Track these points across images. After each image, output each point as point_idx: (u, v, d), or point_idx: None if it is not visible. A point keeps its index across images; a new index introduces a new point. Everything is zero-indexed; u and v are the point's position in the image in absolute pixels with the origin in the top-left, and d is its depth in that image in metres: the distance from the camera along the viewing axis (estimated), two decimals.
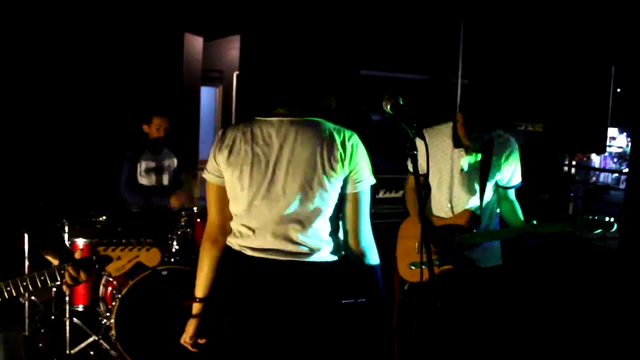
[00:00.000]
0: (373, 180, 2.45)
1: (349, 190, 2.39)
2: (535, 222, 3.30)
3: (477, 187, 3.49)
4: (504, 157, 3.49)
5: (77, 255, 2.38)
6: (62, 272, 2.35)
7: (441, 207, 3.58)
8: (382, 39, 8.20)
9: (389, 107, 2.37)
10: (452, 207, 3.54)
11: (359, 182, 2.39)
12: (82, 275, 2.35)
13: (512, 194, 3.59)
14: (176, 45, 8.79)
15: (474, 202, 3.51)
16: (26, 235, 3.77)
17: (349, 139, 2.37)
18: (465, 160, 3.50)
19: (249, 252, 2.39)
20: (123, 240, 2.45)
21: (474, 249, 3.48)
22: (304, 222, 2.35)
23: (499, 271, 3.61)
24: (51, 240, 2.54)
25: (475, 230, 3.45)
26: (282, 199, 2.34)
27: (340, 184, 2.37)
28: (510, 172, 3.52)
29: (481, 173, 3.48)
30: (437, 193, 3.60)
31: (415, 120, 2.26)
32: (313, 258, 2.37)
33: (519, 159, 3.55)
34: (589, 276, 7.04)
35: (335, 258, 2.43)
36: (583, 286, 6.59)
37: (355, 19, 7.89)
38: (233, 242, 2.46)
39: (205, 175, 2.50)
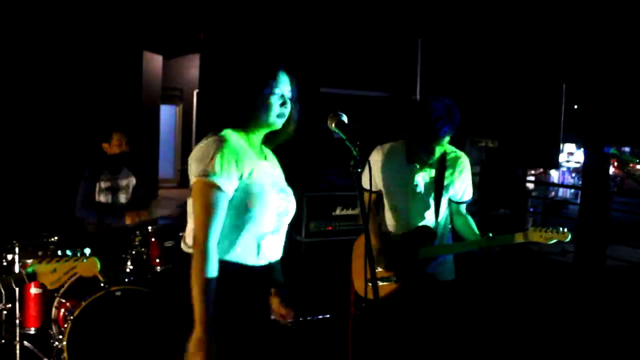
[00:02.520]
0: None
1: None
2: (490, 234, 3.33)
3: (432, 202, 3.52)
4: (458, 171, 3.53)
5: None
6: None
7: (397, 222, 3.61)
8: (342, 57, 8.27)
9: (333, 125, 2.39)
10: (407, 223, 3.57)
11: None
12: None
13: (463, 208, 3.63)
14: (135, 63, 8.74)
15: (429, 217, 3.54)
16: None
17: None
18: (419, 176, 3.53)
19: None
20: (59, 252, 2.41)
21: (430, 263, 3.51)
22: None
23: (454, 285, 3.64)
24: None
25: (431, 245, 3.48)
26: None
27: None
28: (463, 187, 3.56)
29: (435, 188, 3.51)
30: (392, 209, 3.62)
31: (359, 139, 2.27)
32: None
33: (470, 174, 3.59)
34: (545, 289, 7.13)
35: None
36: (539, 299, 6.67)
37: (315, 36, 7.94)
38: None
39: None
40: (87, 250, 2.41)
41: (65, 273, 2.39)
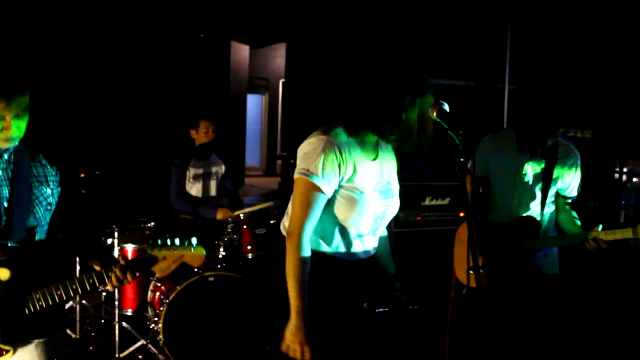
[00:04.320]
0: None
1: None
2: (601, 226, 3.22)
3: (539, 193, 3.46)
4: (568, 165, 3.45)
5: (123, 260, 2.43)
6: (110, 274, 2.40)
7: (502, 211, 3.55)
8: (429, 46, 8.17)
9: (435, 114, 2.36)
10: (512, 212, 3.51)
11: None
12: (129, 277, 2.40)
13: (569, 204, 3.54)
14: (223, 53, 8.90)
15: (535, 208, 3.48)
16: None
17: None
18: (529, 166, 3.47)
19: None
20: (168, 241, 2.48)
21: (534, 254, 3.44)
22: None
23: (558, 280, 3.56)
24: (92, 246, 2.59)
25: (535, 236, 3.41)
26: None
27: None
28: (572, 181, 3.48)
29: (544, 179, 3.44)
30: (498, 197, 3.57)
31: (461, 127, 2.23)
32: None
33: (580, 170, 3.50)
34: None
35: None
36: None
37: (402, 25, 7.88)
38: None
39: None
40: (194, 240, 2.47)
41: (175, 261, 2.46)
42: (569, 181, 3.46)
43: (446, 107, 2.35)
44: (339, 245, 2.52)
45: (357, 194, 2.46)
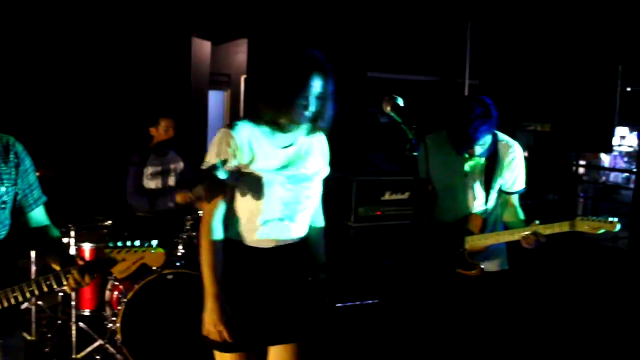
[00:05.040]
0: None
1: None
2: (538, 222, 3.27)
3: (482, 191, 3.48)
4: (507, 162, 3.46)
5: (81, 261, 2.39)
6: (68, 276, 2.35)
7: (447, 211, 3.57)
8: (390, 41, 8.19)
9: (389, 108, 2.36)
10: (456, 212, 3.52)
11: None
12: (87, 279, 2.36)
13: (515, 199, 3.56)
14: (184, 49, 8.79)
15: (479, 206, 3.50)
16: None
17: None
18: (469, 165, 3.48)
19: None
20: (128, 243, 2.45)
21: (481, 253, 3.46)
22: None
23: (506, 276, 3.58)
24: (53, 245, 2.54)
25: (480, 234, 3.43)
26: None
27: None
28: (513, 177, 3.49)
29: (486, 178, 3.46)
30: (442, 198, 3.58)
31: (415, 122, 2.24)
32: None
33: (523, 164, 3.52)
34: (598, 277, 6.99)
35: None
36: (592, 287, 6.55)
37: (363, 21, 7.88)
38: None
39: None
40: (155, 242, 2.45)
41: (134, 263, 2.44)
42: (510, 177, 3.48)
43: (400, 101, 2.36)
44: (246, 231, 2.63)
45: (258, 180, 2.57)
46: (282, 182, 2.60)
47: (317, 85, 2.52)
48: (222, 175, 2.53)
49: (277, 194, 2.59)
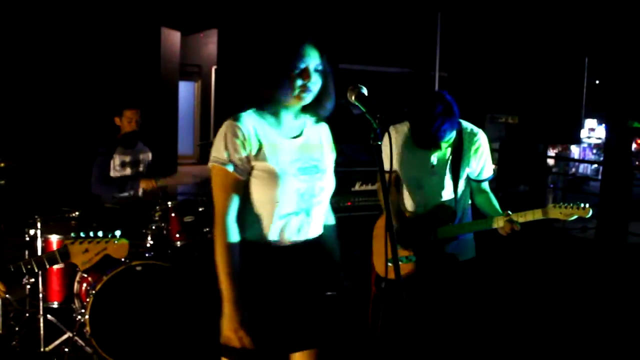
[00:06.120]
0: None
1: None
2: (510, 212, 3.30)
3: (449, 180, 3.49)
4: (473, 150, 3.47)
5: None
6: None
7: (414, 202, 3.58)
8: (361, 33, 8.19)
9: (353, 97, 2.36)
10: (425, 203, 3.54)
11: None
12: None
13: (486, 185, 3.58)
14: (153, 39, 8.73)
15: (447, 196, 3.51)
16: None
17: None
18: (435, 155, 3.49)
19: None
20: (91, 234, 2.43)
21: (450, 243, 3.49)
22: None
23: (475, 264, 3.62)
24: None
25: (451, 224, 3.46)
26: None
27: None
28: (480, 165, 3.50)
29: (452, 167, 3.47)
30: (409, 189, 3.59)
31: (379, 111, 2.24)
32: None
33: (488, 151, 3.54)
34: (566, 266, 7.10)
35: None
36: (561, 276, 6.65)
37: (334, 12, 7.88)
38: None
39: None
40: (118, 232, 2.43)
41: (97, 254, 2.42)
42: (476, 164, 3.49)
43: (364, 90, 2.36)
44: (262, 228, 2.47)
45: (270, 172, 2.43)
46: (295, 173, 2.48)
47: (313, 56, 2.45)
48: (231, 168, 2.40)
49: (292, 186, 2.46)
